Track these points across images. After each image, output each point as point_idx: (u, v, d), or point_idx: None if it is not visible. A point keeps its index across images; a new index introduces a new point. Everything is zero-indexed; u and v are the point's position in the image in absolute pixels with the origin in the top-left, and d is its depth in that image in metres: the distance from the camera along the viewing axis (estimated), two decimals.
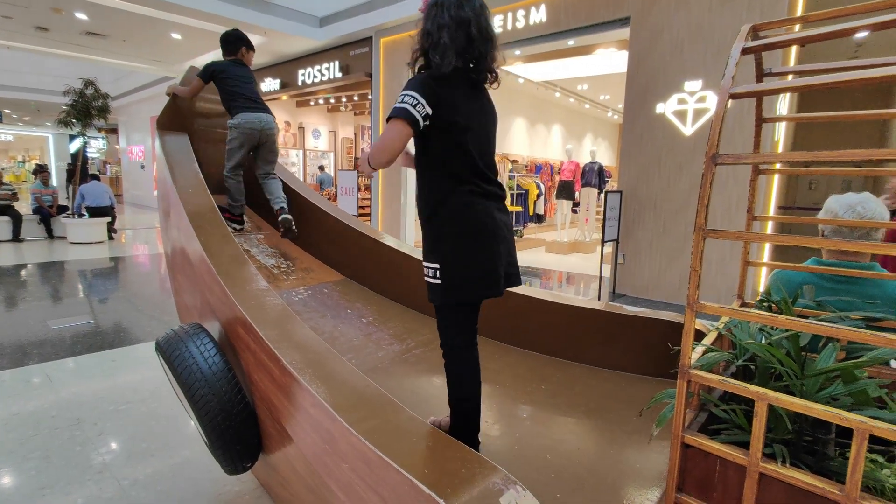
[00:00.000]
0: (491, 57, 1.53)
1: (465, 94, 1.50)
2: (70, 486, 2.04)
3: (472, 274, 1.48)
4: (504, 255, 1.55)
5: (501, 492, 0.93)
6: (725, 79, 1.05)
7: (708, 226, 1.01)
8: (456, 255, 1.47)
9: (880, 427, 0.83)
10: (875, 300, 1.47)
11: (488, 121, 1.58)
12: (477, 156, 1.51)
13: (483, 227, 1.49)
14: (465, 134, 1.48)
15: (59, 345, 3.69)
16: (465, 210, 1.48)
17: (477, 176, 1.51)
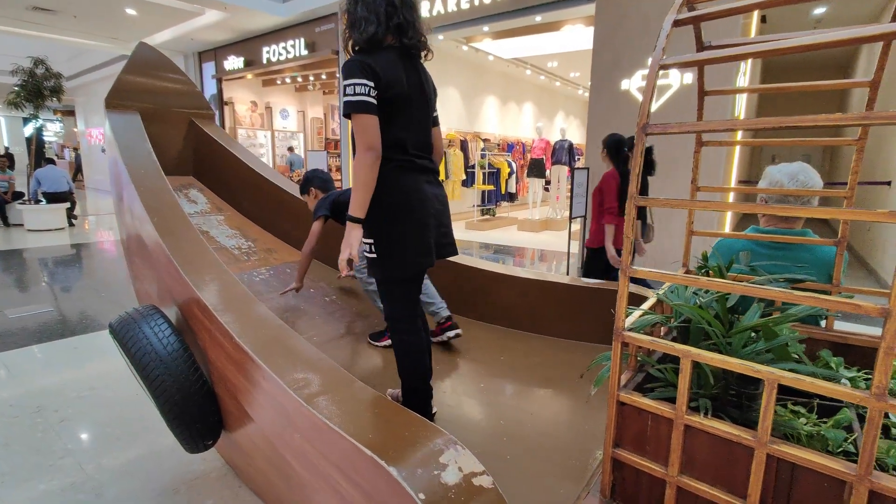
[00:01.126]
0: (419, 25, 1.54)
1: (399, 67, 1.51)
2: (31, 473, 2.02)
3: (404, 247, 1.52)
4: (434, 226, 1.58)
5: (442, 451, 0.97)
6: (656, 51, 1.08)
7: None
8: (387, 228, 1.51)
9: (786, 376, 0.89)
10: (807, 264, 1.56)
11: (424, 95, 1.59)
12: (409, 130, 1.52)
13: (411, 200, 1.52)
14: (401, 109, 1.49)
15: (18, 334, 3.59)
16: (395, 184, 1.50)
17: (407, 150, 1.53)
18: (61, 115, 20.29)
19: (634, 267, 1.07)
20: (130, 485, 1.96)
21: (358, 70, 1.43)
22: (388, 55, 1.49)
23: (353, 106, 1.42)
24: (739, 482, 0.98)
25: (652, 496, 1.11)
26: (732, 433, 0.97)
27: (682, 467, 1.06)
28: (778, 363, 1.09)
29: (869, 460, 0.83)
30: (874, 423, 0.82)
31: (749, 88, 1.45)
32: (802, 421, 1.12)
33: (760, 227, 1.73)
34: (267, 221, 2.96)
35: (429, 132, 1.62)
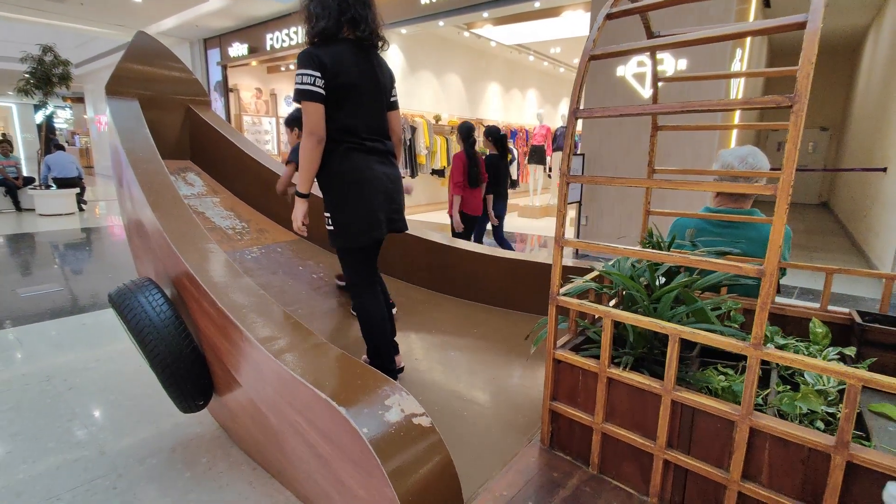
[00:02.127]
0: (372, 19, 1.69)
1: (350, 57, 1.65)
2: (41, 432, 2.20)
3: (355, 219, 1.69)
4: (385, 202, 1.75)
5: (388, 396, 1.11)
6: (587, 42, 1.19)
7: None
8: (340, 203, 1.68)
9: (685, 331, 1.02)
10: (748, 241, 1.67)
11: (376, 82, 1.73)
12: (358, 116, 1.68)
13: (361, 178, 1.68)
14: (349, 96, 1.64)
15: (30, 311, 3.79)
16: (345, 164, 1.67)
17: (358, 134, 1.68)
18: (71, 101, 20.53)
19: (567, 238, 1.20)
20: (131, 443, 2.14)
21: (307, 61, 1.60)
22: (340, 47, 1.65)
23: (300, 94, 1.61)
24: (651, 426, 1.11)
25: (583, 442, 1.25)
26: (645, 383, 1.10)
27: (606, 416, 1.19)
28: (697, 325, 1.21)
29: (749, 402, 0.96)
30: (752, 369, 0.94)
31: (699, 76, 1.56)
32: (720, 378, 1.24)
33: (712, 206, 1.84)
34: (260, 203, 3.11)
35: (382, 118, 1.77)
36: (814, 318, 1.46)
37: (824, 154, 11.70)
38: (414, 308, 2.57)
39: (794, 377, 1.27)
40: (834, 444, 0.87)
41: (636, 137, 5.68)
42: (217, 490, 1.84)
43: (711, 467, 1.02)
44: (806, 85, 0.82)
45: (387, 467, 0.97)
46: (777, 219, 0.86)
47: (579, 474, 1.20)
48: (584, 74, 1.16)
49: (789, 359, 0.90)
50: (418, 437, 1.06)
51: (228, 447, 2.11)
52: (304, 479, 1.46)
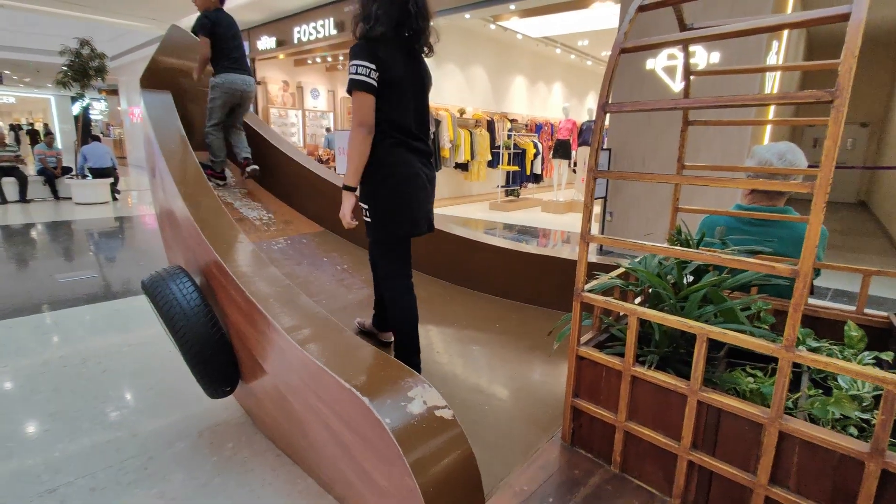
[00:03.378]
0: (428, 32, 1.73)
1: (400, 58, 1.68)
2: (77, 413, 2.30)
3: (395, 213, 1.72)
4: (425, 201, 1.78)
5: (411, 388, 1.12)
6: (618, 35, 1.16)
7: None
8: (382, 197, 1.72)
9: (714, 331, 1.00)
10: (780, 240, 1.62)
11: (421, 85, 1.78)
12: (406, 114, 1.72)
13: (404, 176, 1.72)
14: (396, 92, 1.67)
15: (67, 296, 3.94)
16: (390, 159, 1.70)
17: (404, 132, 1.72)
18: (106, 94, 21.14)
19: (592, 234, 1.18)
20: (161, 426, 2.21)
21: (363, 53, 1.61)
22: (392, 45, 1.66)
23: (355, 84, 1.61)
24: (676, 426, 1.09)
25: (605, 440, 1.24)
26: (670, 382, 1.08)
27: (630, 414, 1.18)
28: (726, 325, 1.19)
29: (779, 405, 0.94)
30: (783, 371, 0.92)
31: (732, 70, 1.52)
32: (748, 380, 1.22)
33: (744, 204, 1.79)
34: (286, 195, 3.16)
35: (425, 119, 1.80)
36: (849, 320, 1.41)
37: (864, 151, 11.24)
38: (435, 301, 2.58)
39: (827, 381, 1.24)
40: (869, 451, 0.84)
41: (665, 132, 5.56)
42: (242, 475, 1.89)
43: (737, 470, 1.00)
44: (848, 79, 0.79)
45: (408, 458, 0.99)
46: (814, 217, 0.84)
47: (601, 473, 1.20)
48: (614, 68, 1.14)
49: (822, 362, 0.88)
50: (440, 430, 1.06)
51: (253, 433, 2.16)
52: (327, 467, 1.49)
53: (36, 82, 21.37)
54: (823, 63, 1.34)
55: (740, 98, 0.96)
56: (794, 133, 11.89)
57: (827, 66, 1.35)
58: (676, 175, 1.11)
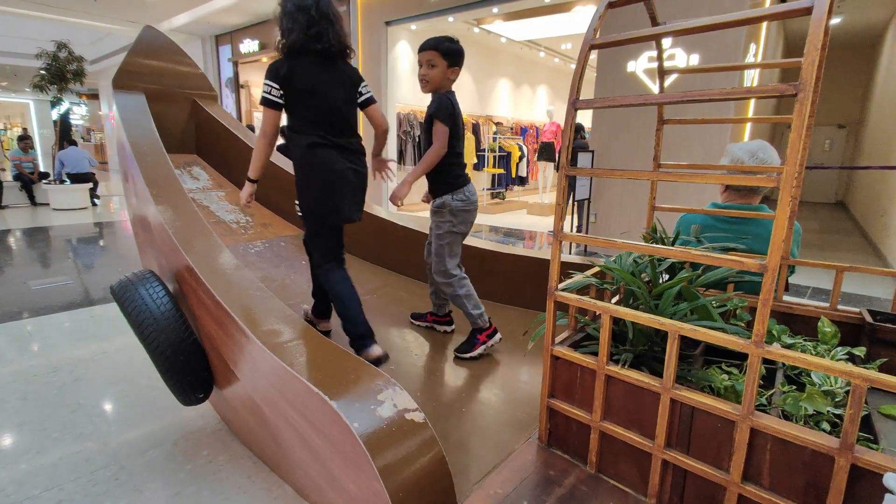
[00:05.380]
0: (335, 33, 1.92)
1: (314, 65, 1.91)
2: (46, 423, 2.22)
3: (319, 203, 1.95)
4: (349, 193, 2.00)
5: (381, 390, 1.09)
6: (588, 31, 1.16)
7: None
8: (306, 190, 1.95)
9: (685, 327, 0.99)
10: (755, 237, 1.63)
11: (339, 87, 1.98)
12: (324, 115, 1.93)
13: (325, 171, 1.93)
14: (313, 98, 1.91)
15: (39, 303, 3.84)
16: (311, 159, 1.92)
17: (324, 131, 1.93)
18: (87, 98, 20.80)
19: (565, 232, 1.17)
20: (134, 436, 2.15)
21: (269, 74, 1.89)
22: (305, 59, 1.90)
23: (262, 101, 1.91)
24: (650, 425, 1.08)
25: (581, 440, 1.22)
26: (643, 381, 1.07)
27: (604, 414, 1.16)
28: (699, 322, 1.18)
29: (750, 401, 0.93)
30: (754, 367, 0.91)
31: (701, 69, 1.53)
32: (723, 377, 1.21)
33: (720, 202, 1.80)
34: (264, 197, 3.11)
35: (347, 119, 2.01)
36: (822, 317, 1.41)
37: (841, 152, 11.47)
38: (414, 303, 2.55)
39: (801, 377, 1.24)
40: (838, 447, 0.84)
41: (646, 133, 5.60)
42: (216, 483, 1.84)
43: (711, 468, 0.99)
44: (811, 72, 0.79)
45: (377, 462, 0.96)
46: (780, 212, 0.83)
47: (576, 473, 1.18)
48: (583, 64, 1.13)
49: (791, 357, 0.87)
50: (410, 433, 1.04)
51: (229, 440, 2.11)
52: (299, 473, 1.46)
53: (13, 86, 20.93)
54: (787, 61, 1.35)
55: (707, 92, 0.96)
56: (774, 132, 12.09)
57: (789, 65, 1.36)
58: (651, 171, 1.10)
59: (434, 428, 1.10)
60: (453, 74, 2.07)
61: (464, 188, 2.11)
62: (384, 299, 2.55)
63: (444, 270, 2.11)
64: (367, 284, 2.66)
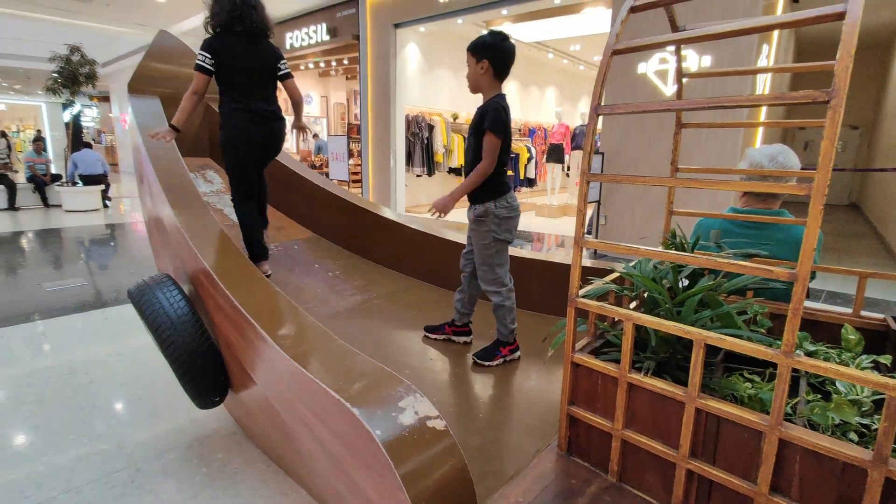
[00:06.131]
0: (257, 17, 2.39)
1: (239, 43, 2.37)
2: (62, 426, 2.24)
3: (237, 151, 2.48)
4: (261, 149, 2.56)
5: (402, 397, 1.09)
6: (610, 36, 1.15)
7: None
8: (228, 142, 2.46)
9: (711, 336, 0.98)
10: (776, 243, 1.60)
11: (258, 62, 2.44)
12: (245, 85, 2.40)
13: (242, 128, 2.44)
14: (236, 71, 2.37)
15: (54, 305, 3.87)
16: (232, 119, 2.41)
17: (244, 97, 2.41)
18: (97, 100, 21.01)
19: (586, 238, 1.16)
20: (149, 438, 2.16)
21: (204, 45, 2.36)
22: (231, 38, 2.36)
23: (196, 67, 2.35)
24: (674, 434, 1.07)
25: (602, 449, 1.21)
26: (667, 389, 1.06)
27: (627, 422, 1.15)
28: (723, 330, 1.16)
29: (779, 412, 0.91)
30: (783, 377, 0.89)
31: (723, 72, 1.51)
32: (746, 385, 1.19)
33: (738, 207, 1.78)
34: (278, 200, 3.12)
35: (266, 88, 2.48)
36: (846, 324, 1.39)
37: (855, 153, 11.34)
38: (428, 307, 2.55)
39: (825, 386, 1.22)
40: (871, 459, 0.82)
41: (657, 136, 5.57)
42: (232, 486, 1.84)
43: (738, 479, 0.98)
44: (845, 78, 0.78)
45: (400, 470, 0.95)
46: (811, 220, 0.82)
47: (598, 482, 1.17)
48: (606, 70, 1.13)
49: (823, 368, 0.85)
50: (432, 441, 1.03)
51: (244, 444, 2.11)
52: (317, 479, 1.45)
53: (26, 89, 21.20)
54: (817, 65, 1.33)
55: (735, 98, 0.95)
56: (785, 136, 11.97)
57: (819, 68, 1.34)
58: (671, 178, 1.09)
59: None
60: (484, 70, 1.97)
61: (506, 195, 2.05)
62: (397, 304, 2.55)
63: (495, 279, 2.05)
64: (380, 288, 2.65)
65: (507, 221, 2.05)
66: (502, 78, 2.02)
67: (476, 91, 2.04)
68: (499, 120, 1.93)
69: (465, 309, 2.23)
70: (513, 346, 2.07)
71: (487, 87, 2.01)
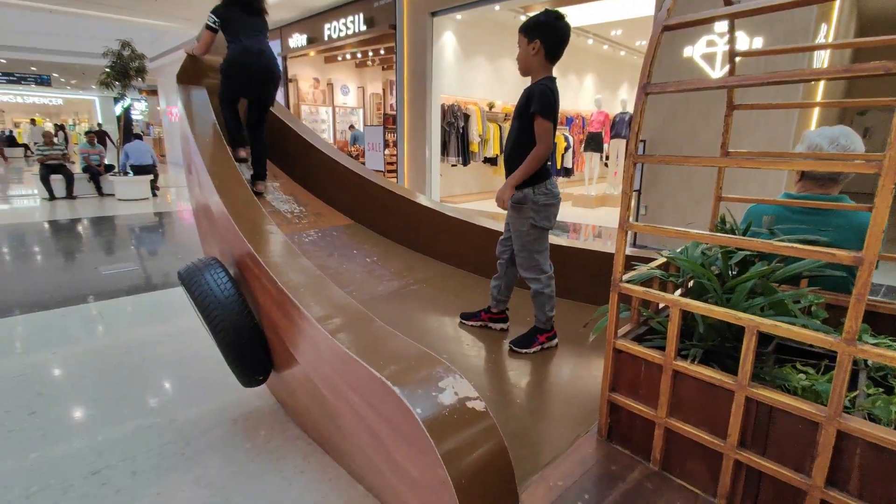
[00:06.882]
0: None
1: (241, 14, 3.00)
2: (119, 401, 2.37)
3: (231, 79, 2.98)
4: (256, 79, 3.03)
5: (441, 378, 1.10)
6: (661, 12, 1.11)
7: None
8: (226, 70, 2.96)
9: (765, 323, 0.94)
10: (835, 229, 1.52)
11: (254, 23, 3.06)
12: (243, 35, 2.97)
13: (238, 62, 2.95)
14: (238, 27, 2.97)
15: (110, 287, 4.09)
16: (232, 55, 2.96)
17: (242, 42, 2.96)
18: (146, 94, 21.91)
19: (631, 222, 1.13)
20: (197, 414, 2.26)
21: (213, 12, 2.97)
22: (237, 9, 3.01)
23: (206, 27, 2.98)
24: (721, 423, 1.04)
25: (644, 436, 1.19)
26: (715, 377, 1.03)
27: (671, 410, 1.13)
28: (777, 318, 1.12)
29: (838, 402, 0.87)
30: (843, 366, 0.85)
31: (779, 50, 1.43)
32: (800, 377, 1.15)
33: (794, 192, 1.69)
34: (317, 188, 3.19)
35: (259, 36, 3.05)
36: None
37: None
38: (464, 294, 2.55)
39: (888, 380, 1.15)
40: None
41: (703, 120, 5.36)
42: (274, 461, 1.91)
43: (790, 471, 0.94)
44: None
45: (440, 448, 0.96)
46: (880, 200, 0.77)
47: (640, 469, 1.15)
48: (655, 47, 1.09)
49: (889, 356, 0.81)
50: (472, 421, 1.04)
51: (285, 422, 2.18)
52: (358, 456, 1.49)
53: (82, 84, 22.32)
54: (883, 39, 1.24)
55: (795, 73, 0.90)
56: (843, 121, 11.30)
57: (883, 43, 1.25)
58: (721, 158, 1.05)
59: None
60: (535, 50, 1.90)
61: (546, 181, 1.99)
62: (434, 289, 2.57)
63: (535, 266, 2.02)
64: (417, 274, 2.68)
65: (547, 209, 2.01)
66: (555, 60, 1.96)
67: (526, 74, 1.99)
68: (547, 102, 1.87)
69: (501, 296, 2.22)
70: (550, 334, 2.05)
71: (538, 70, 1.95)
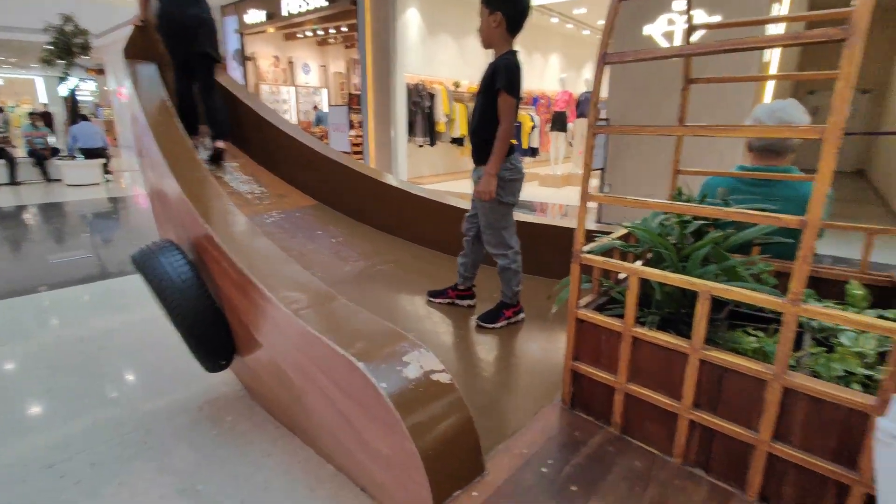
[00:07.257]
0: None
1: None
2: (75, 391, 2.28)
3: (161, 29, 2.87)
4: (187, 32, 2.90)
5: (406, 352, 1.10)
6: None
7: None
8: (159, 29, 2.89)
9: (717, 287, 0.97)
10: (785, 200, 1.58)
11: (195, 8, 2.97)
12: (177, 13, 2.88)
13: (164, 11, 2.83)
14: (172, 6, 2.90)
15: (60, 276, 3.90)
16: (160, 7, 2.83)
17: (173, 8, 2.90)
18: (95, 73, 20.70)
19: (592, 193, 1.15)
20: (160, 402, 2.20)
21: None
22: None
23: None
24: (677, 386, 1.08)
25: (605, 402, 1.22)
26: (671, 342, 1.06)
27: (630, 376, 1.16)
28: (729, 283, 1.16)
29: (784, 360, 0.91)
30: (789, 325, 0.89)
31: (734, 23, 1.46)
32: (750, 339, 1.20)
33: (746, 165, 1.75)
34: (280, 169, 3.10)
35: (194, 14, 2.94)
36: (852, 280, 1.39)
37: (865, 118, 11.10)
38: (432, 273, 2.55)
39: (830, 340, 1.22)
40: (874, 404, 0.83)
41: (665, 100, 5.46)
42: (242, 447, 1.88)
43: (740, 427, 0.99)
44: (865, 13, 0.75)
45: (407, 422, 0.97)
46: (824, 165, 0.80)
47: (602, 434, 1.19)
48: (613, 17, 1.09)
49: (830, 315, 0.85)
50: (438, 394, 1.05)
51: (252, 406, 2.15)
52: (326, 436, 1.48)
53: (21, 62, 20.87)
54: (833, 12, 1.28)
55: (747, 40, 0.92)
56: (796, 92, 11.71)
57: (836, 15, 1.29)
58: (678, 126, 1.07)
59: None
60: (497, 22, 1.86)
61: (510, 157, 1.99)
62: (402, 270, 2.56)
63: (501, 242, 2.03)
64: (384, 255, 2.66)
65: (512, 184, 2.02)
66: (515, 33, 1.94)
67: (488, 46, 1.96)
68: (513, 79, 1.86)
69: (468, 273, 2.23)
70: (517, 309, 2.08)
71: (500, 42, 1.92)
